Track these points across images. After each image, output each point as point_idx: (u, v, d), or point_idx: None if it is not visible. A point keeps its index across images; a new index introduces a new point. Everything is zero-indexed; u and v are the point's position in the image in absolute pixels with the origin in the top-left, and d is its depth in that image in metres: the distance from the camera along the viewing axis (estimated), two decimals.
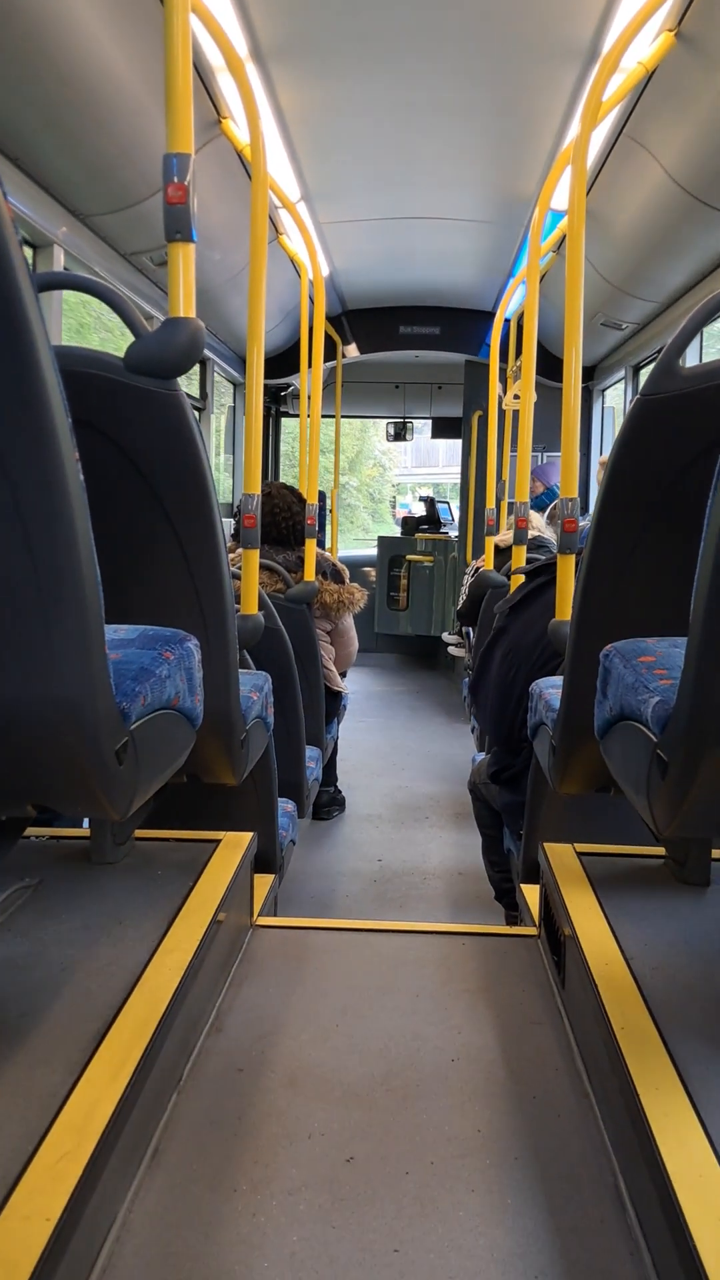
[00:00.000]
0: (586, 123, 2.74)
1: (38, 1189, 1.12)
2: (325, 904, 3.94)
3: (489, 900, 3.55)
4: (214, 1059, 1.71)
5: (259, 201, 2.79)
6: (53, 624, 1.26)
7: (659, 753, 1.44)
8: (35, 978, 1.60)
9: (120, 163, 3.71)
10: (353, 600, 4.39)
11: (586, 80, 3.62)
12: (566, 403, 2.76)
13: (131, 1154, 1.38)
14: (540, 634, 2.79)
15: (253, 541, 2.75)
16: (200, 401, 6.77)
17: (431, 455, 23.26)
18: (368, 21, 3.35)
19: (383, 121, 4.27)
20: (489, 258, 6.43)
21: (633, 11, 2.74)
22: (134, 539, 1.98)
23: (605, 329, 6.26)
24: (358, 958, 2.08)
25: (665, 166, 3.92)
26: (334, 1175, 1.43)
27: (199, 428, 1.94)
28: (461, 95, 3.96)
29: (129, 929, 1.77)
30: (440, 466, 23.06)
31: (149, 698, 1.54)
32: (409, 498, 24.59)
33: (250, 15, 3.23)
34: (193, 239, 2.05)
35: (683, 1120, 1.27)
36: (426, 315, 7.94)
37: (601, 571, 2.01)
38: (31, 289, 1.11)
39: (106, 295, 1.96)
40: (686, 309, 5.12)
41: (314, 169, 4.78)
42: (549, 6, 3.18)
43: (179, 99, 2.03)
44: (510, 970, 2.05)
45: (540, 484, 6.30)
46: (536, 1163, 1.46)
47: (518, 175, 4.86)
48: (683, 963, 1.70)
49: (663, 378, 1.87)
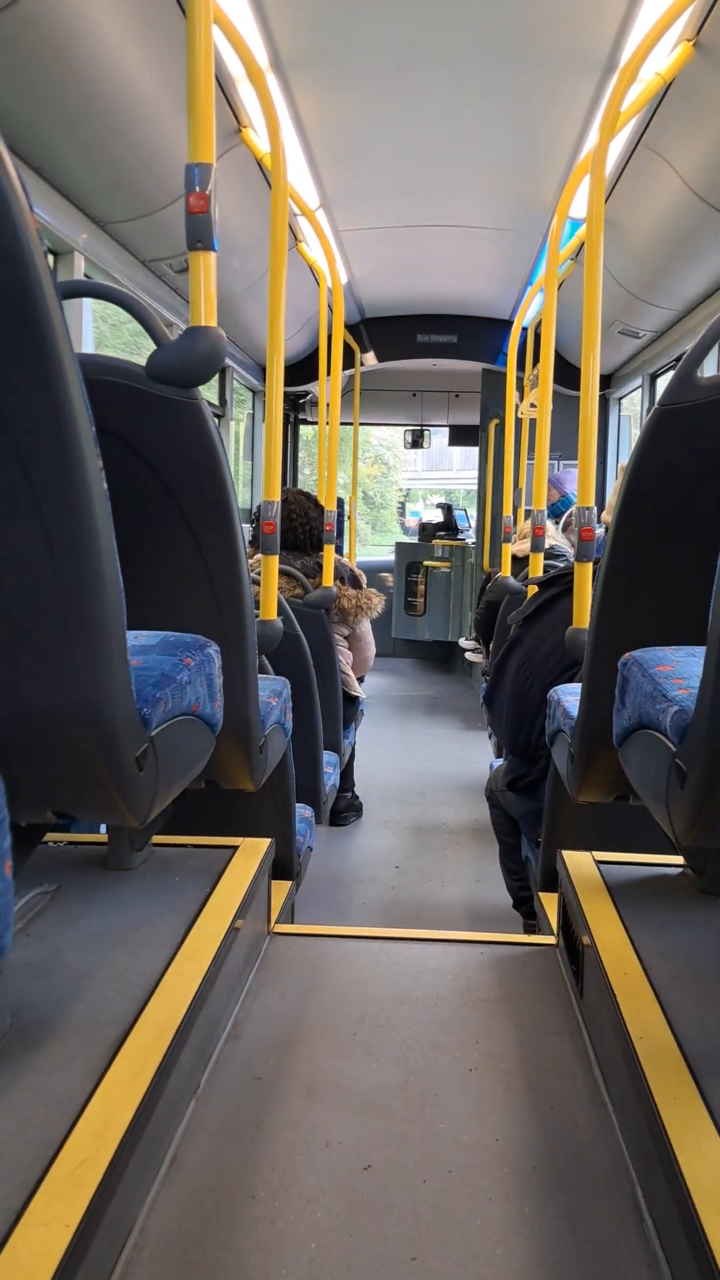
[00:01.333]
0: (605, 132, 2.74)
1: (58, 1195, 1.12)
2: (342, 911, 3.94)
3: (507, 908, 3.54)
4: (232, 1066, 1.71)
5: (279, 210, 2.80)
6: (75, 631, 1.26)
7: (678, 761, 1.44)
8: (54, 983, 1.61)
9: (140, 171, 3.73)
10: (370, 605, 4.40)
11: (605, 90, 3.63)
12: (584, 411, 2.76)
13: (150, 1160, 1.38)
14: (555, 644, 2.79)
15: (272, 547, 2.76)
16: (220, 409, 6.79)
17: (445, 459, 22.24)
18: (387, 32, 3.36)
19: (401, 130, 4.28)
20: (506, 266, 6.43)
21: (651, 22, 2.75)
22: (154, 545, 1.99)
23: (623, 337, 6.26)
24: (375, 966, 2.07)
25: (683, 176, 3.92)
26: (352, 1183, 1.43)
27: (219, 435, 1.95)
28: (480, 105, 3.96)
29: (147, 935, 1.78)
30: (455, 470, 22.03)
31: (169, 704, 1.54)
32: (420, 505, 23.86)
33: (271, 26, 3.25)
34: (214, 248, 2.06)
35: (701, 1131, 1.26)
36: (444, 323, 7.94)
37: (619, 580, 2.01)
38: (56, 299, 1.12)
39: (128, 303, 1.97)
40: (705, 317, 5.12)
41: (333, 177, 4.79)
42: (568, 18, 3.19)
43: (201, 109, 2.05)
44: (528, 979, 2.04)
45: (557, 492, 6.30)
46: (554, 1172, 1.46)
47: (536, 184, 4.86)
48: (701, 972, 1.69)
49: (681, 387, 1.87)
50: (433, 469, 24.44)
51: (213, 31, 2.11)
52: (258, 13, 3.15)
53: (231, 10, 3.03)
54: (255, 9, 3.13)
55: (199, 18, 2.03)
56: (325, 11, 3.23)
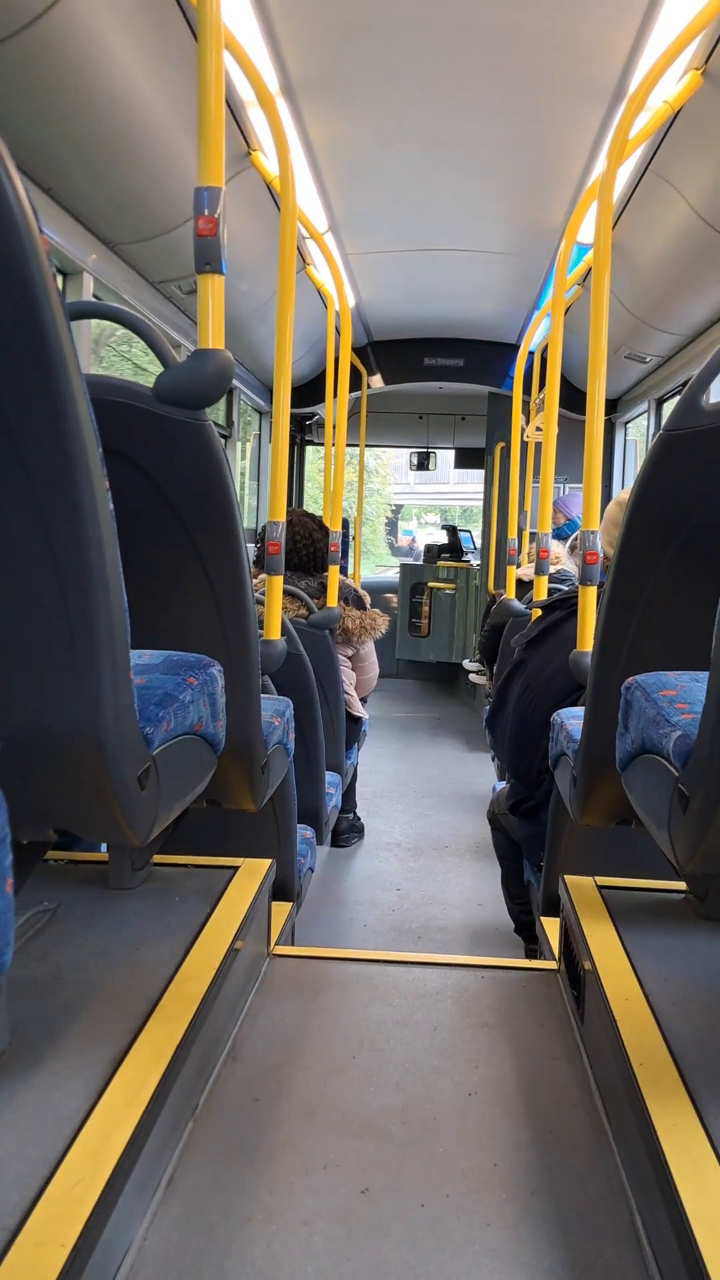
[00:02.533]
0: (613, 159, 2.76)
1: (53, 1215, 1.12)
2: (343, 933, 3.93)
3: (508, 932, 3.53)
4: (230, 1088, 1.71)
5: (287, 232, 2.82)
6: (79, 650, 1.27)
7: (680, 787, 1.44)
8: (53, 1002, 1.61)
9: (150, 192, 3.76)
10: (374, 626, 4.40)
11: (613, 118, 3.65)
12: (589, 435, 2.77)
13: (147, 1181, 1.37)
14: (558, 668, 2.79)
15: (276, 568, 2.76)
16: (226, 429, 6.81)
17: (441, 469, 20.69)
18: (396, 58, 3.39)
19: (410, 155, 4.30)
20: (514, 290, 6.46)
21: (659, 51, 2.77)
22: (159, 565, 2.00)
23: (629, 362, 6.28)
24: (375, 989, 2.07)
25: (691, 202, 3.94)
26: (349, 1207, 1.42)
27: (226, 456, 1.95)
28: (489, 130, 3.99)
29: (146, 955, 1.77)
30: (451, 484, 20.22)
31: (172, 723, 1.55)
32: (414, 524, 22.92)
33: (281, 51, 3.27)
34: (222, 271, 2.07)
35: (701, 1158, 1.26)
36: (451, 347, 7.97)
37: (623, 604, 2.01)
38: (64, 319, 1.13)
39: (137, 325, 1.98)
40: (711, 343, 5.14)
41: (342, 201, 4.82)
42: (577, 46, 3.21)
43: (211, 133, 2.06)
44: (529, 1004, 2.04)
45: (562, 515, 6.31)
46: (553, 1198, 1.45)
47: (544, 209, 4.89)
48: (703, 999, 1.69)
49: (686, 413, 1.88)
50: (425, 481, 22.74)
51: (223, 56, 2.12)
52: (268, 37, 3.18)
53: (242, 35, 3.05)
54: (266, 34, 3.15)
55: (210, 42, 2.05)
56: (335, 37, 3.26)
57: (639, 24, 3.01)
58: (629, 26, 3.04)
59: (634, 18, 2.98)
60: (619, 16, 3.00)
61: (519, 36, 3.20)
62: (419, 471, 10.91)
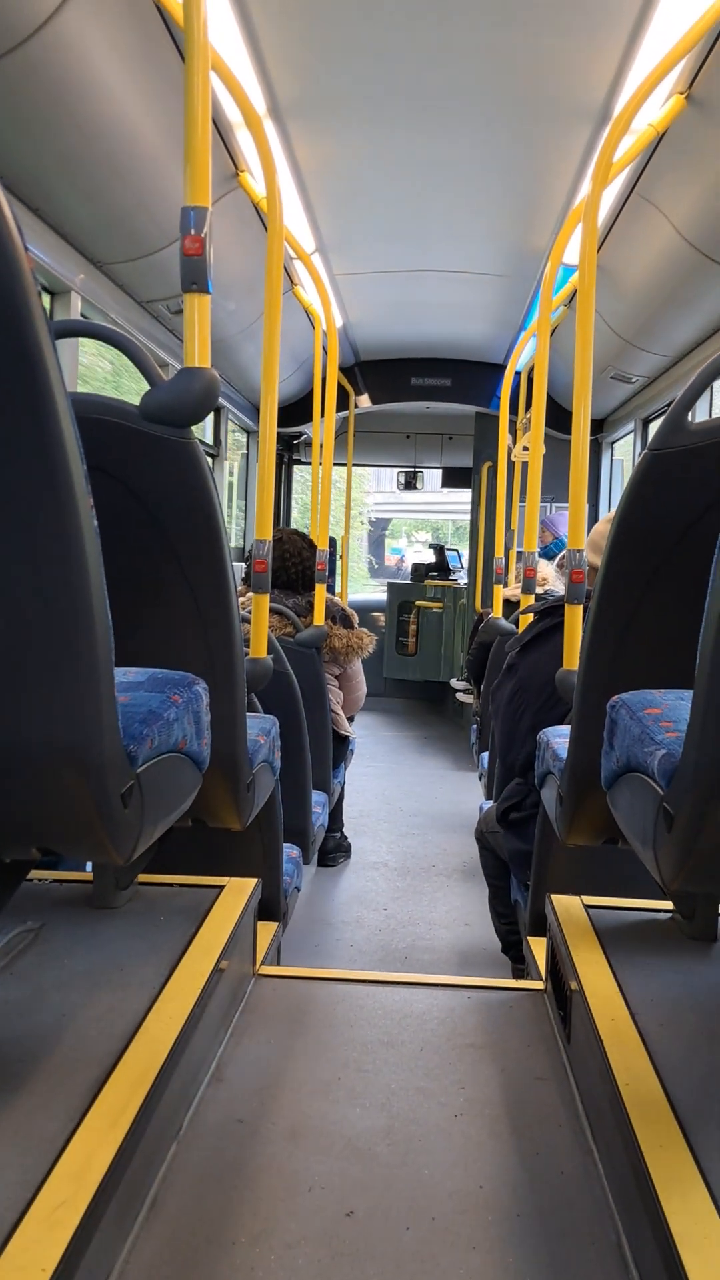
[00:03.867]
0: (598, 182, 2.78)
1: (34, 1238, 1.10)
2: (329, 953, 3.91)
3: (495, 952, 3.52)
4: (214, 1109, 1.70)
5: (274, 253, 2.83)
6: (63, 668, 1.26)
7: (665, 806, 1.44)
8: (36, 1023, 1.59)
9: (138, 212, 3.77)
10: (361, 645, 4.40)
11: (598, 140, 3.68)
12: (575, 455, 2.78)
13: (129, 1204, 1.36)
14: (549, 674, 2.80)
15: (263, 586, 2.76)
16: (214, 448, 6.82)
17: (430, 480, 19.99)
18: (384, 80, 3.41)
19: (397, 176, 4.33)
20: (500, 311, 6.50)
21: (644, 74, 2.79)
22: (145, 583, 1.99)
23: (615, 382, 6.31)
24: (361, 1010, 2.06)
25: (675, 224, 3.97)
26: (333, 1229, 1.41)
27: (212, 475, 1.95)
28: (475, 152, 4.02)
29: (131, 975, 1.76)
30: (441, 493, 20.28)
31: (156, 741, 1.54)
32: (402, 541, 22.13)
33: (269, 72, 3.29)
34: (209, 290, 2.08)
35: (687, 1180, 1.25)
36: (438, 367, 8.01)
37: (608, 622, 2.02)
38: (49, 337, 1.13)
39: (123, 344, 1.99)
40: (696, 363, 5.16)
41: (329, 222, 4.84)
42: (562, 69, 3.24)
43: (198, 153, 2.07)
44: (516, 1024, 2.03)
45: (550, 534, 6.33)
46: (539, 1220, 1.44)
47: (530, 231, 4.92)
48: (689, 1019, 1.68)
49: (671, 432, 1.89)
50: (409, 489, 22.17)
51: (210, 77, 2.13)
52: (255, 59, 3.20)
53: (230, 56, 3.07)
54: (253, 56, 3.17)
55: (197, 64, 2.06)
56: (322, 59, 3.28)
57: (624, 48, 3.04)
58: (614, 50, 3.06)
59: (619, 42, 3.01)
60: (604, 40, 3.03)
61: (505, 59, 3.22)
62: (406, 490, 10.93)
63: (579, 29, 2.99)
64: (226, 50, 3.06)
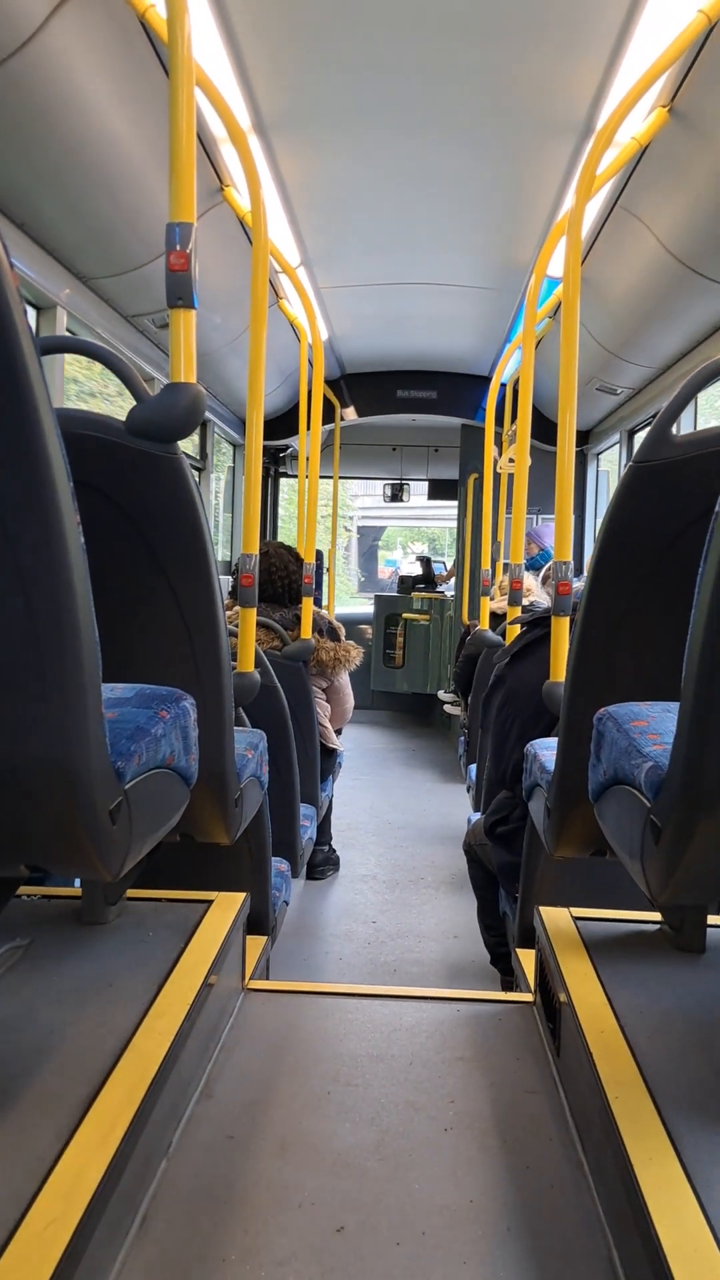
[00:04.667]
0: (582, 194, 2.79)
1: (24, 1257, 1.10)
2: (318, 967, 3.90)
3: (484, 964, 3.52)
4: (204, 1125, 1.69)
5: (259, 267, 2.84)
6: (50, 685, 1.26)
7: (652, 818, 1.44)
8: (25, 1039, 1.59)
9: (123, 228, 3.78)
10: (349, 658, 4.40)
11: (582, 153, 3.70)
12: (560, 467, 2.79)
13: (119, 1221, 1.36)
14: (536, 685, 2.81)
15: (250, 600, 2.76)
16: (200, 462, 6.82)
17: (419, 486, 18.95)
18: (368, 94, 3.43)
19: (382, 190, 4.35)
20: (485, 323, 6.52)
21: (626, 88, 2.81)
22: (132, 598, 1.99)
23: (600, 394, 6.34)
24: (350, 1024, 2.05)
25: (659, 236, 4.00)
26: (324, 1245, 1.40)
27: (199, 489, 1.96)
28: (459, 166, 4.04)
29: (120, 991, 1.76)
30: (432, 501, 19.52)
31: (144, 757, 1.54)
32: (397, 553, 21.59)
33: (253, 88, 3.31)
34: (194, 305, 2.08)
35: (677, 1193, 1.25)
36: (424, 380, 8.03)
37: (595, 635, 2.02)
38: (35, 353, 1.13)
39: (109, 359, 1.99)
40: (681, 374, 5.19)
41: (314, 235, 4.86)
42: (546, 83, 3.26)
43: (182, 169, 2.08)
44: (505, 1037, 2.03)
45: (536, 545, 6.35)
46: (529, 1234, 1.44)
47: (514, 243, 4.94)
48: (678, 1030, 1.68)
49: (656, 444, 1.90)
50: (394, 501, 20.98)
51: (195, 93, 2.14)
52: (239, 75, 3.21)
53: (214, 72, 3.08)
54: (237, 71, 3.19)
55: (181, 79, 2.07)
56: (306, 74, 3.30)
57: (606, 62, 3.06)
58: (597, 65, 3.09)
59: (602, 56, 3.03)
60: (587, 55, 3.05)
61: (489, 74, 3.24)
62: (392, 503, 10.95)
63: (562, 43, 3.01)
64: (211, 66, 3.08)
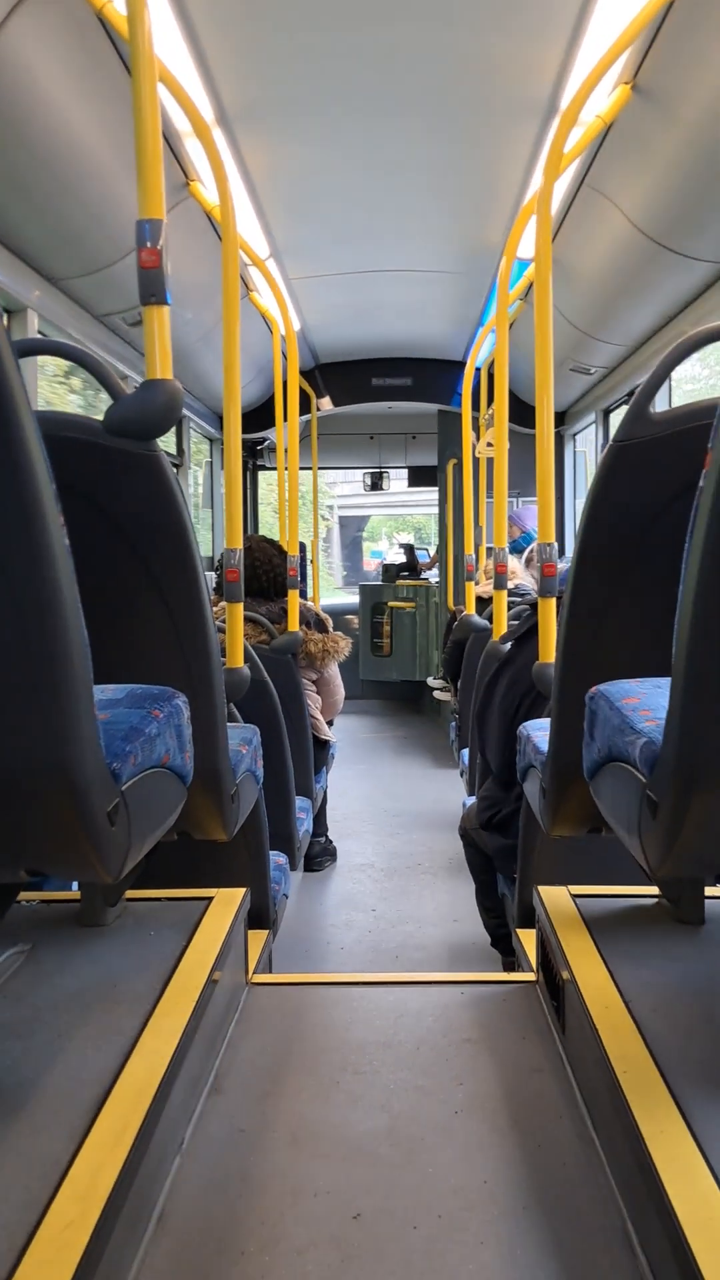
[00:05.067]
0: (549, 175, 2.79)
1: (44, 1260, 1.10)
2: (320, 957, 3.92)
3: (485, 947, 3.53)
4: (215, 1120, 1.70)
5: (229, 261, 2.83)
6: (41, 689, 1.26)
7: (649, 793, 1.45)
8: (32, 1045, 1.59)
9: (91, 227, 3.76)
10: (337, 649, 4.41)
11: (547, 134, 3.69)
12: (540, 448, 2.79)
13: (136, 1220, 1.36)
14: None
15: (236, 595, 2.76)
16: (178, 458, 6.80)
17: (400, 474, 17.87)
18: (331, 83, 3.41)
19: (349, 178, 4.34)
20: (458, 308, 6.51)
21: (589, 66, 2.81)
22: (118, 598, 1.99)
23: (574, 374, 6.34)
24: (356, 1012, 2.06)
25: (627, 214, 4.00)
26: (341, 1233, 1.41)
27: (180, 486, 1.95)
28: (426, 151, 4.03)
29: (124, 992, 1.76)
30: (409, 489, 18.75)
31: (139, 757, 1.54)
32: (383, 543, 21.22)
33: (215, 81, 3.29)
34: (167, 302, 2.07)
35: (689, 1163, 1.26)
36: (398, 367, 8.02)
37: (582, 614, 2.03)
38: (12, 357, 1.12)
39: (84, 360, 1.98)
40: (654, 351, 5.20)
41: (282, 227, 4.84)
42: (508, 64, 3.25)
43: (149, 166, 2.06)
44: (510, 1018, 2.04)
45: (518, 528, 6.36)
46: (544, 1212, 1.45)
47: (484, 226, 4.94)
48: (682, 1003, 1.69)
49: (634, 423, 1.90)
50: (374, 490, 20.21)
51: (158, 88, 2.13)
52: (201, 68, 3.20)
53: (175, 67, 3.07)
54: (199, 65, 3.17)
55: (143, 75, 2.05)
56: (268, 65, 3.28)
57: (568, 41, 3.05)
58: (558, 43, 3.08)
59: (563, 34, 3.02)
60: (548, 34, 3.04)
61: (451, 57, 3.24)
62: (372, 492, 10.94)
63: (523, 24, 3.01)
64: (172, 60, 3.06)
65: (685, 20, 2.77)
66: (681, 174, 3.48)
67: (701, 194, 3.55)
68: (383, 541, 21.15)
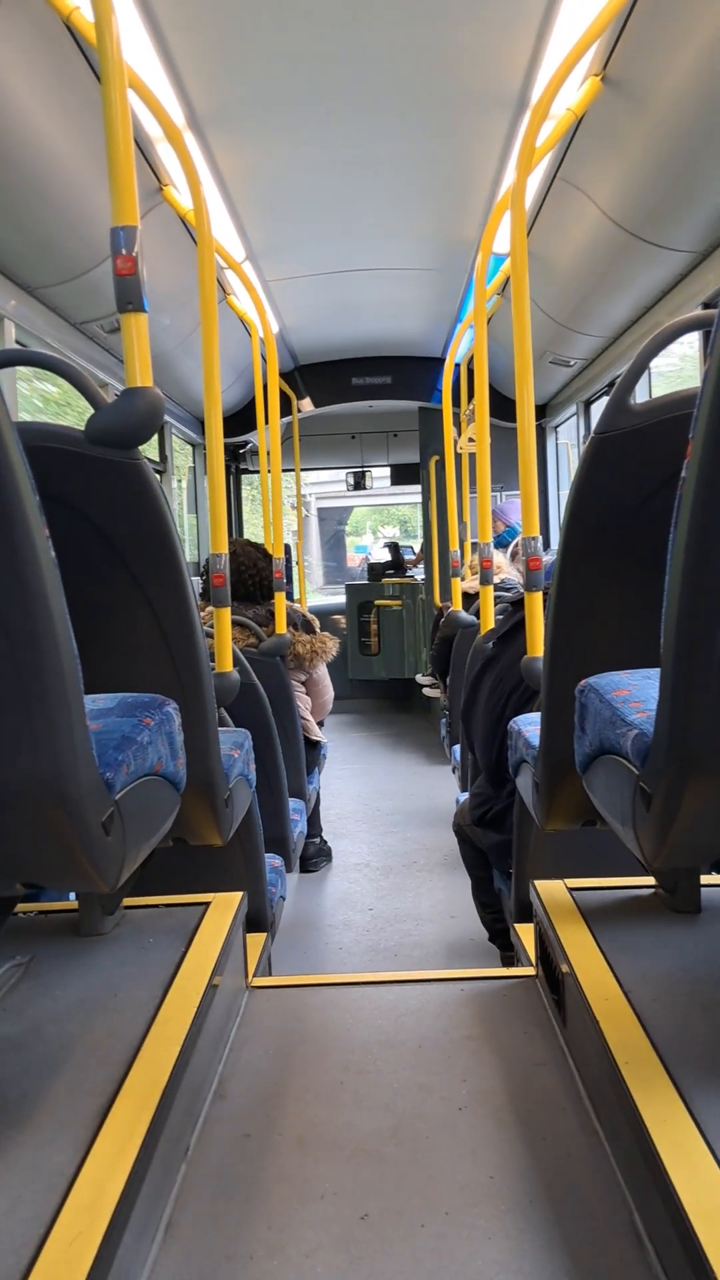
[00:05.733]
0: (522, 169, 2.80)
1: (53, 1273, 1.10)
2: (319, 958, 3.92)
3: (483, 942, 3.53)
4: (220, 1126, 1.69)
5: (205, 265, 2.82)
6: (31, 701, 1.26)
7: (641, 785, 1.45)
8: (34, 1056, 1.59)
9: (66, 234, 3.75)
10: (325, 649, 4.41)
11: (519, 128, 3.70)
12: (522, 442, 2.80)
13: (144, 1229, 1.36)
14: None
15: (223, 600, 2.76)
16: (160, 465, 6.80)
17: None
18: (300, 83, 3.41)
19: (322, 178, 4.34)
20: (435, 305, 6.52)
21: (559, 59, 2.81)
22: (106, 608, 1.99)
23: (554, 367, 6.35)
24: (357, 1012, 2.06)
25: (600, 206, 4.01)
26: (349, 1234, 1.41)
27: (164, 493, 1.95)
28: (398, 148, 4.03)
29: (124, 1000, 1.76)
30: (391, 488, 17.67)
31: (132, 766, 1.54)
32: (367, 538, 20.77)
33: (185, 85, 3.29)
34: (145, 309, 2.07)
35: (693, 1151, 1.27)
36: (377, 365, 8.03)
37: (569, 607, 2.03)
38: None
39: (64, 370, 1.98)
40: (632, 342, 5.21)
41: (257, 229, 4.84)
42: (478, 59, 3.26)
43: (122, 172, 2.06)
44: (510, 1012, 2.04)
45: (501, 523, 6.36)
46: (551, 1205, 1.45)
47: (458, 222, 4.94)
48: (681, 992, 1.70)
49: (616, 415, 1.91)
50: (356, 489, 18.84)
51: (128, 94, 2.12)
52: (171, 73, 3.19)
53: (145, 72, 3.06)
54: (169, 69, 3.17)
55: (113, 81, 2.05)
56: (238, 67, 3.28)
57: (536, 34, 3.06)
58: (527, 37, 3.09)
59: (531, 28, 3.03)
60: (517, 28, 3.05)
61: (420, 54, 3.24)
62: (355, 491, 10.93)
63: (491, 18, 3.01)
64: (141, 66, 3.06)
65: (652, 11, 2.78)
66: (653, 164, 3.49)
67: (673, 184, 3.56)
68: (367, 536, 20.81)
